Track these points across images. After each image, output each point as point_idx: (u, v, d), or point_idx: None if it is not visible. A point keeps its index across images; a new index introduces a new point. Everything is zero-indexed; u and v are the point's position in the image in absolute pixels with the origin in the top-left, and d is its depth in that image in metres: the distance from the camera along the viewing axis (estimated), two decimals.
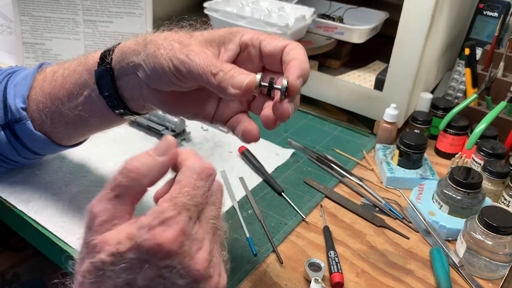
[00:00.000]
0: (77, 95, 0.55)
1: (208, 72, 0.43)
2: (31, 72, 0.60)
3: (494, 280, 0.59)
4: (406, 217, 0.68)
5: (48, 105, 0.57)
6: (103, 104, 0.54)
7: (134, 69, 0.49)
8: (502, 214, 0.58)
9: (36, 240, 0.62)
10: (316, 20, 0.99)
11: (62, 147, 0.62)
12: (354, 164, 0.79)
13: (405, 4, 0.74)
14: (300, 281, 0.56)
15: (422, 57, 0.77)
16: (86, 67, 0.54)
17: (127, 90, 0.52)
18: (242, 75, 0.43)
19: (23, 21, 0.97)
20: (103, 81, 0.52)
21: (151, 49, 0.46)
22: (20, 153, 0.62)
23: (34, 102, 0.58)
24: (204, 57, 0.44)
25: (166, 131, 0.79)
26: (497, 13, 0.93)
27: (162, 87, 0.49)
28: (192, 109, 0.51)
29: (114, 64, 0.51)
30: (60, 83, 0.56)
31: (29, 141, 0.60)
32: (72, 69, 0.55)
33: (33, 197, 0.64)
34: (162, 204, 0.35)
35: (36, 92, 0.58)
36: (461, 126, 0.79)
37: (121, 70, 0.51)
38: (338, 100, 0.89)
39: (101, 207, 0.36)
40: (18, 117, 0.58)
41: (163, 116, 0.80)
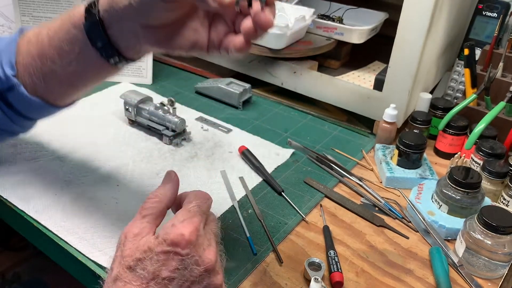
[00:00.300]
0: (69, 52, 0.55)
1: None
2: (12, 39, 0.59)
3: (493, 280, 0.59)
4: (405, 216, 0.68)
5: (39, 67, 0.57)
6: (96, 55, 0.54)
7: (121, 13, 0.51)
8: (501, 214, 0.58)
9: (37, 240, 0.63)
10: (316, 20, 0.99)
11: (58, 108, 0.62)
12: (354, 164, 0.80)
13: (404, 4, 0.74)
14: (300, 280, 0.57)
15: (422, 57, 0.77)
16: (72, 22, 0.54)
17: (121, 37, 0.54)
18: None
19: (24, 21, 0.97)
20: (94, 33, 0.53)
21: None
22: (15, 122, 0.61)
23: (23, 67, 0.57)
24: None
25: (167, 131, 0.79)
26: (496, 13, 0.93)
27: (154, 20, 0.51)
28: (187, 40, 0.53)
29: (102, 13, 0.52)
30: (48, 43, 0.56)
31: (24, 108, 0.60)
32: (57, 27, 0.56)
33: (34, 197, 0.64)
34: (178, 214, 0.45)
35: (24, 57, 0.57)
36: (460, 126, 0.79)
37: (111, 18, 0.52)
38: (338, 100, 0.89)
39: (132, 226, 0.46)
40: (10, 85, 0.57)
41: (163, 116, 0.79)
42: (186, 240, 0.43)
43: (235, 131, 0.85)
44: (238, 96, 0.92)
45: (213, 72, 1.07)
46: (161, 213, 0.48)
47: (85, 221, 0.61)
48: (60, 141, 0.76)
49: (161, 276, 0.42)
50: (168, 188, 0.49)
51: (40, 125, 0.80)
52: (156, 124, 0.80)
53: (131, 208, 0.64)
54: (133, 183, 0.69)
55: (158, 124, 0.80)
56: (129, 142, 0.79)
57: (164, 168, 0.73)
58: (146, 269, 0.42)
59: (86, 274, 0.57)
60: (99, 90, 0.95)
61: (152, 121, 0.81)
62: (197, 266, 0.43)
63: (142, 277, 0.42)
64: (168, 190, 0.49)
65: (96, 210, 0.63)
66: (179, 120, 0.78)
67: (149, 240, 0.43)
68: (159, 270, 0.42)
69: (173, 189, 0.50)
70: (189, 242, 0.43)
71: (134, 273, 0.42)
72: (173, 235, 0.43)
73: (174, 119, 0.78)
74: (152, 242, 0.43)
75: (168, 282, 0.42)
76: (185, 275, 0.43)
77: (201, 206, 0.47)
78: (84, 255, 0.56)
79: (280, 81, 0.95)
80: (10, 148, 0.73)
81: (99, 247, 0.57)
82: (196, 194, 0.49)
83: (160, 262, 0.42)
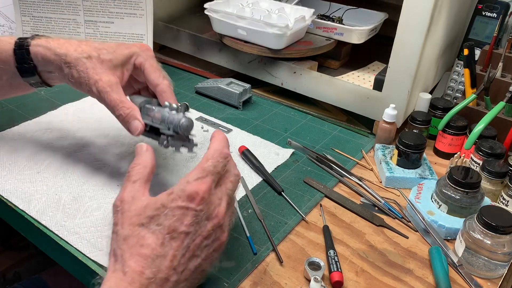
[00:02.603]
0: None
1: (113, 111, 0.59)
2: None
3: (493, 280, 0.59)
4: (405, 216, 0.68)
5: None
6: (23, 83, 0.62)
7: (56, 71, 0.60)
8: (501, 214, 0.58)
9: (37, 239, 0.63)
10: (315, 20, 0.99)
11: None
12: (354, 164, 0.80)
13: (404, 5, 0.74)
14: (300, 280, 0.57)
15: (421, 57, 0.77)
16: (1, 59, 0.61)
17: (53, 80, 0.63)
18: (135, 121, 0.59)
19: (24, 21, 0.97)
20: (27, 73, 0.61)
21: (75, 75, 0.59)
22: None
23: None
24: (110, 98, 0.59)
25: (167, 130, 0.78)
26: (495, 13, 0.93)
27: None
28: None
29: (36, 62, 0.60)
30: None
31: None
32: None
33: (35, 197, 0.64)
34: (193, 171, 0.47)
35: None
36: (460, 126, 0.80)
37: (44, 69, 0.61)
38: (338, 100, 0.89)
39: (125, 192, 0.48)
40: None
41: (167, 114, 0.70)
42: (201, 196, 0.45)
43: (235, 131, 0.85)
44: (238, 96, 0.92)
45: (213, 72, 1.07)
46: (148, 178, 0.50)
47: (86, 221, 0.61)
48: (60, 141, 0.77)
49: (177, 230, 0.44)
50: (147, 155, 0.52)
51: (41, 125, 0.80)
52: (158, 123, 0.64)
53: None
54: None
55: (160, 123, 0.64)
56: (130, 142, 0.79)
57: (164, 168, 0.73)
58: (162, 224, 0.44)
59: (86, 274, 0.57)
60: None
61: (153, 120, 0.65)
62: (207, 221, 0.46)
63: (158, 232, 0.44)
64: (148, 156, 0.52)
65: (97, 210, 0.63)
66: (185, 120, 0.61)
67: (161, 198, 0.46)
68: (175, 224, 0.44)
69: (151, 155, 0.52)
70: (202, 199, 0.45)
71: (148, 229, 0.44)
72: (188, 191, 0.45)
73: (178, 116, 0.62)
74: (166, 199, 0.45)
75: (184, 236, 0.44)
76: (197, 230, 0.45)
77: (216, 166, 0.48)
78: (84, 254, 0.57)
79: (280, 81, 0.95)
80: (10, 148, 0.73)
81: (99, 246, 0.57)
82: (215, 150, 0.50)
83: (176, 217, 0.44)
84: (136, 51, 0.63)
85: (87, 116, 0.85)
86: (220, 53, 1.02)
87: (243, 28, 0.93)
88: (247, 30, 0.93)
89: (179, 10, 1.19)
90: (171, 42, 1.10)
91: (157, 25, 1.08)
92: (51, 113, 0.85)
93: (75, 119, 0.83)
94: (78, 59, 0.59)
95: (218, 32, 0.99)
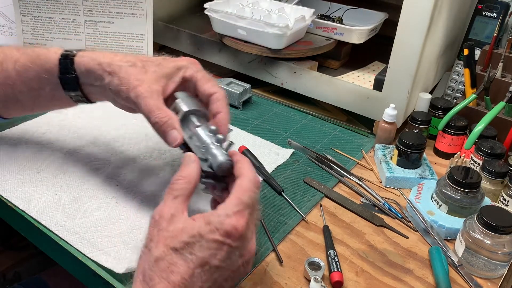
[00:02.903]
0: (38, 89, 0.61)
1: (149, 117, 0.55)
2: None
3: (493, 280, 0.59)
4: (405, 216, 0.68)
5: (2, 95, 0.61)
6: (65, 96, 0.60)
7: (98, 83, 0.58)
8: (501, 214, 0.58)
9: (37, 239, 0.63)
10: (315, 20, 0.99)
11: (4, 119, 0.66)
12: (354, 164, 0.80)
13: (404, 5, 0.74)
14: (300, 280, 0.57)
15: (421, 57, 0.77)
16: (45, 69, 0.59)
17: (92, 93, 0.61)
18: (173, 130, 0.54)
19: (24, 21, 0.97)
20: (70, 85, 0.59)
21: (115, 82, 0.56)
22: None
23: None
24: (148, 103, 0.54)
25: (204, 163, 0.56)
26: (496, 13, 0.93)
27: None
28: None
29: (79, 74, 0.58)
30: (15, 76, 0.60)
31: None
32: (25, 65, 0.60)
33: (35, 197, 0.64)
34: (232, 200, 0.46)
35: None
36: (460, 126, 0.79)
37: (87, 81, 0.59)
38: (338, 100, 0.89)
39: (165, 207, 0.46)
40: None
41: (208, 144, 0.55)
42: (239, 233, 0.44)
43: (235, 131, 0.85)
44: (238, 96, 0.92)
45: (213, 72, 1.07)
46: (190, 194, 0.49)
47: (85, 221, 0.61)
48: (60, 141, 0.76)
49: (210, 264, 0.43)
50: (193, 169, 0.50)
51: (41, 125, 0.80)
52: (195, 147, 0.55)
53: (131, 208, 0.64)
54: (133, 183, 0.69)
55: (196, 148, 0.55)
56: (129, 142, 0.79)
57: (164, 168, 0.73)
58: (195, 254, 0.43)
59: (86, 274, 0.57)
60: None
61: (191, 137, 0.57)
62: (240, 257, 0.46)
63: (189, 261, 0.43)
64: (193, 170, 0.50)
65: (96, 210, 0.63)
66: (226, 160, 0.52)
67: (199, 225, 0.44)
68: (208, 257, 0.43)
69: (198, 169, 0.50)
70: (240, 236, 0.44)
71: (180, 255, 0.43)
72: (227, 226, 0.44)
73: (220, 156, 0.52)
74: (203, 229, 0.44)
75: (214, 270, 0.44)
76: (229, 264, 0.45)
77: (253, 198, 0.47)
78: (84, 254, 0.57)
79: (280, 81, 0.95)
80: (10, 147, 0.73)
81: (99, 247, 0.57)
82: (250, 180, 0.48)
83: (211, 250, 0.43)
84: (184, 64, 0.60)
85: (87, 116, 0.84)
86: (220, 53, 1.02)
87: (243, 28, 0.93)
88: (247, 30, 0.93)
89: (179, 10, 1.19)
90: (171, 42, 1.10)
91: (157, 25, 1.08)
92: (51, 113, 0.85)
93: (75, 119, 0.83)
94: (121, 66, 0.57)
95: (218, 32, 0.99)
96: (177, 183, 0.48)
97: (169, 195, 0.47)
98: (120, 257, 0.56)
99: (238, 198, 0.46)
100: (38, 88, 0.61)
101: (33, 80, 0.60)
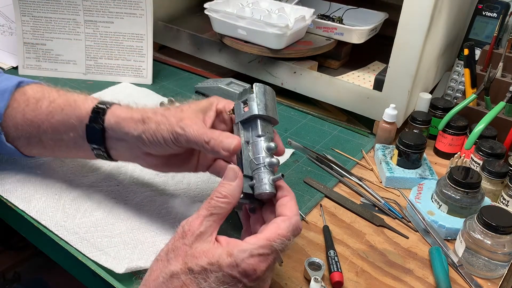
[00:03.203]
0: (62, 133, 0.60)
1: (202, 141, 0.52)
2: (8, 89, 0.62)
3: (493, 280, 0.59)
4: (405, 216, 0.68)
5: (28, 131, 0.61)
6: (87, 146, 0.60)
7: (126, 136, 0.56)
8: (501, 214, 0.58)
9: (37, 239, 0.63)
10: (316, 20, 0.99)
11: (24, 156, 0.65)
12: (354, 164, 0.80)
13: (404, 4, 0.74)
14: (300, 280, 0.57)
15: (421, 57, 0.77)
16: (76, 113, 0.59)
17: (115, 149, 0.59)
18: (228, 139, 0.52)
19: (24, 21, 0.97)
20: (94, 136, 0.58)
21: (152, 126, 0.54)
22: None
23: (12, 121, 0.61)
24: (196, 128, 0.53)
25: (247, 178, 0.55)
26: (496, 13, 0.93)
27: (157, 152, 0.57)
28: (178, 167, 0.60)
29: (107, 125, 0.57)
30: (45, 116, 0.60)
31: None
32: (59, 106, 0.60)
33: (34, 197, 0.64)
34: (261, 240, 0.44)
35: (16, 113, 0.61)
36: (460, 126, 0.79)
37: (113, 134, 0.57)
38: (338, 100, 0.89)
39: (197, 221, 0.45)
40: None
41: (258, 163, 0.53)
42: (257, 276, 0.44)
43: None
44: (238, 96, 0.92)
45: (213, 72, 1.07)
46: (226, 214, 0.47)
47: (85, 221, 0.61)
48: None
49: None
50: (236, 187, 0.48)
51: None
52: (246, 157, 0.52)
53: (131, 208, 0.64)
54: (133, 183, 0.69)
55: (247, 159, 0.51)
56: None
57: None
58: (209, 283, 0.43)
59: (86, 274, 0.57)
60: (99, 90, 0.95)
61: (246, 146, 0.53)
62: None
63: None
64: (236, 190, 0.48)
65: (96, 210, 0.63)
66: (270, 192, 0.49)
67: (221, 255, 0.43)
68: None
69: (240, 188, 0.48)
70: (258, 278, 0.44)
71: (195, 279, 0.43)
72: (247, 266, 0.43)
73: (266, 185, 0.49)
74: (223, 259, 0.43)
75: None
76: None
77: (284, 245, 0.45)
78: (84, 255, 0.57)
79: (280, 81, 0.95)
80: None
81: (99, 247, 0.57)
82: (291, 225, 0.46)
83: (225, 284, 0.43)
84: (215, 99, 0.58)
85: None
86: (220, 53, 1.02)
87: (243, 28, 0.93)
88: (247, 30, 0.93)
89: (179, 10, 1.19)
90: (171, 42, 1.10)
91: (157, 25, 1.08)
92: None
93: None
94: (156, 112, 0.56)
95: (218, 32, 0.99)
96: (217, 200, 0.47)
97: (205, 210, 0.46)
98: (120, 257, 0.56)
99: (269, 240, 0.45)
100: (62, 132, 0.60)
101: (60, 123, 0.60)
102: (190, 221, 0.46)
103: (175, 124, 0.53)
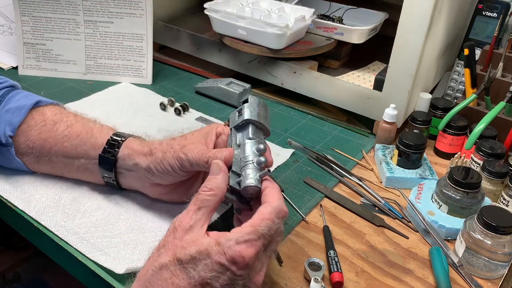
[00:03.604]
0: (74, 158, 0.63)
1: (202, 161, 0.55)
2: (26, 105, 0.64)
3: (493, 280, 0.59)
4: (405, 216, 0.68)
5: (40, 150, 0.63)
6: (97, 172, 0.63)
7: (135, 168, 0.60)
8: (501, 214, 0.58)
9: (37, 239, 0.63)
10: (316, 20, 0.99)
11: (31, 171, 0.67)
12: (354, 164, 0.80)
13: (404, 4, 0.74)
14: (300, 280, 0.57)
15: (421, 57, 0.77)
16: (91, 142, 0.62)
17: (125, 178, 0.63)
18: (222, 152, 0.55)
19: (24, 21, 0.97)
20: (106, 165, 0.62)
21: (159, 155, 0.58)
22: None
23: (25, 138, 0.63)
24: (197, 151, 0.56)
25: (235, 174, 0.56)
26: (496, 13, 0.93)
27: (165, 181, 0.60)
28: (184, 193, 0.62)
29: (119, 156, 0.61)
30: (61, 138, 0.63)
31: (3, 161, 0.65)
32: (76, 133, 0.63)
33: (34, 197, 0.64)
34: (246, 228, 0.45)
35: (31, 131, 0.63)
36: (460, 126, 0.79)
37: (124, 164, 0.61)
38: (338, 100, 0.89)
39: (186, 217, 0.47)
40: (4, 142, 0.63)
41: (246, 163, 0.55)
42: (245, 263, 0.43)
43: None
44: (238, 96, 0.92)
45: (213, 72, 1.07)
46: (215, 207, 0.48)
47: (85, 221, 0.61)
48: None
49: (210, 285, 0.43)
50: (221, 179, 0.50)
51: None
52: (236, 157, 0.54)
53: (131, 209, 0.64)
54: None
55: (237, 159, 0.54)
56: None
57: None
58: (198, 271, 0.43)
59: (86, 274, 0.57)
60: (99, 90, 0.95)
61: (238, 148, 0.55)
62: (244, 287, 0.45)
63: (191, 277, 0.43)
64: (221, 182, 0.49)
65: (96, 210, 0.63)
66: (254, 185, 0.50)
67: (209, 243, 0.44)
68: (210, 278, 0.43)
69: (225, 181, 0.50)
70: (246, 266, 0.43)
71: (184, 269, 0.43)
72: (234, 252, 0.43)
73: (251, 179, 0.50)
74: (212, 248, 0.43)
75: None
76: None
77: (271, 228, 0.45)
78: (84, 255, 0.56)
79: (280, 81, 0.95)
80: None
81: (99, 247, 0.57)
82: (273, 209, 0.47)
83: (214, 272, 0.43)
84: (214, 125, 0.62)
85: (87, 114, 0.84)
86: (220, 53, 1.02)
87: (243, 28, 0.93)
88: (247, 30, 0.93)
89: (179, 10, 1.19)
90: (171, 42, 1.10)
91: (157, 25, 1.08)
92: None
93: None
94: (161, 142, 0.60)
95: (218, 32, 0.99)
96: (203, 194, 0.48)
97: (193, 205, 0.47)
98: (120, 258, 0.56)
99: (253, 226, 0.45)
100: (74, 157, 0.63)
101: (73, 148, 0.62)
102: (180, 217, 0.47)
103: (179, 151, 0.57)
